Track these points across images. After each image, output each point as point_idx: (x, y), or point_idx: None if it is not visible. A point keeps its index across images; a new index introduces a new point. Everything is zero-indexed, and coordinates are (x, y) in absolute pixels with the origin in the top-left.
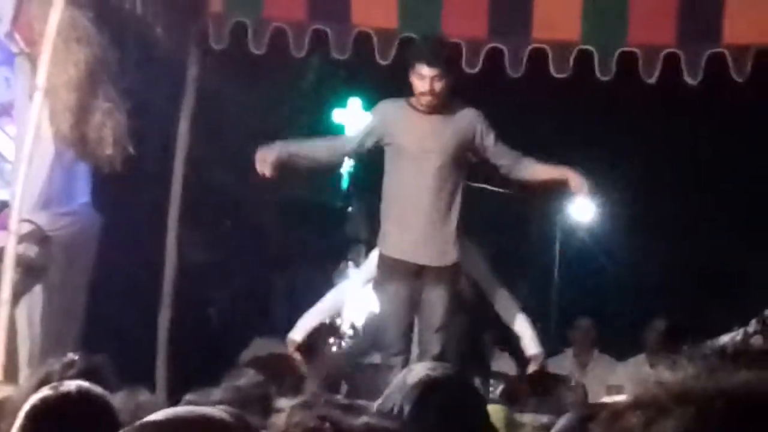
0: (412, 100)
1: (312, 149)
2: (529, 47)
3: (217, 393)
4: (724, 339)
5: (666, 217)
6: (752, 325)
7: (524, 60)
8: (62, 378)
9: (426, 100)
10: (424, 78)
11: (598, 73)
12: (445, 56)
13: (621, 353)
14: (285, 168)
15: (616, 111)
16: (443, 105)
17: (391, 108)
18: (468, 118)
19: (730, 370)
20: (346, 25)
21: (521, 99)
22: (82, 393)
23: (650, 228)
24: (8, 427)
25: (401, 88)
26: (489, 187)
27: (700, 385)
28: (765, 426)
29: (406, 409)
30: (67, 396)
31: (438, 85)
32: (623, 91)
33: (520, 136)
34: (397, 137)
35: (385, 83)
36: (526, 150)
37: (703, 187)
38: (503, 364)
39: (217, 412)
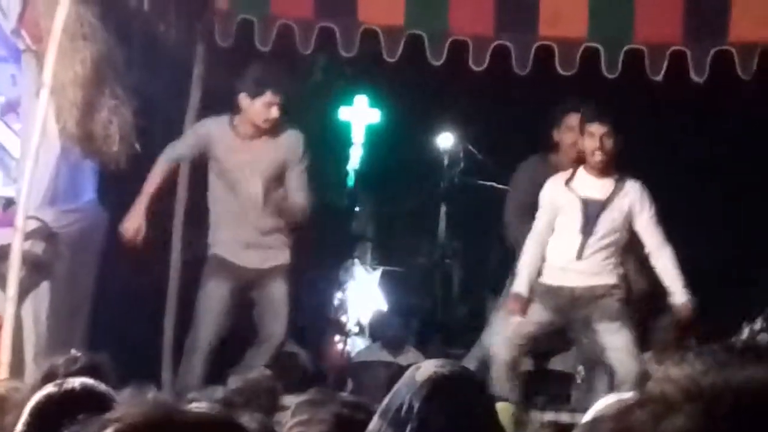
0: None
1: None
2: (536, 44)
3: (221, 389)
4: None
5: (672, 215)
6: (758, 323)
7: (531, 57)
8: (66, 374)
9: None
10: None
11: (604, 71)
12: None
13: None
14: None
15: (621, 108)
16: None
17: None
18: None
19: (739, 366)
20: (353, 22)
21: (527, 96)
22: (85, 390)
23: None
24: (14, 422)
25: (407, 85)
26: (497, 185)
27: (708, 380)
28: None
29: (415, 406)
30: (70, 393)
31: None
32: (629, 88)
33: (528, 134)
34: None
35: (392, 80)
36: (534, 149)
37: (709, 185)
38: None
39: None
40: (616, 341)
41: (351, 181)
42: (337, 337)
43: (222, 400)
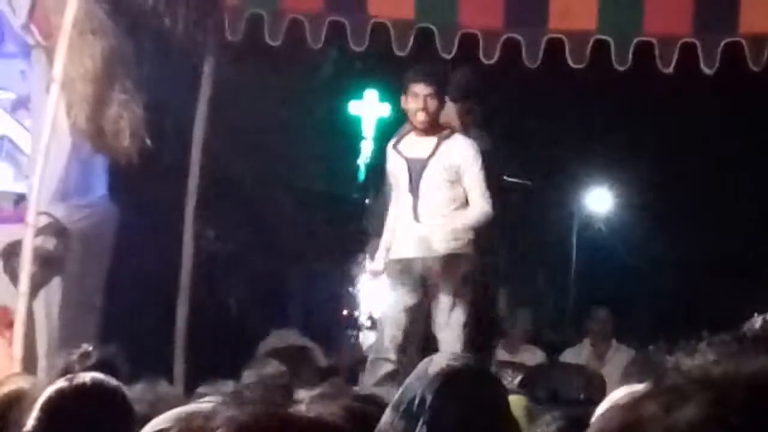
0: None
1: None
2: (546, 37)
3: (232, 383)
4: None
5: (682, 206)
6: None
7: (541, 50)
8: (81, 370)
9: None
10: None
11: (615, 63)
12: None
13: (639, 343)
14: None
15: (632, 100)
16: None
17: None
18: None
19: (750, 355)
20: (363, 17)
21: (539, 89)
22: (96, 384)
23: (667, 217)
24: (28, 418)
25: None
26: (508, 178)
27: (719, 370)
28: None
29: (427, 399)
30: (81, 387)
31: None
32: (640, 80)
33: (538, 126)
34: None
35: (402, 74)
36: (543, 140)
37: (720, 176)
38: (527, 356)
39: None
40: (448, 318)
41: (362, 175)
42: (349, 332)
43: (233, 395)
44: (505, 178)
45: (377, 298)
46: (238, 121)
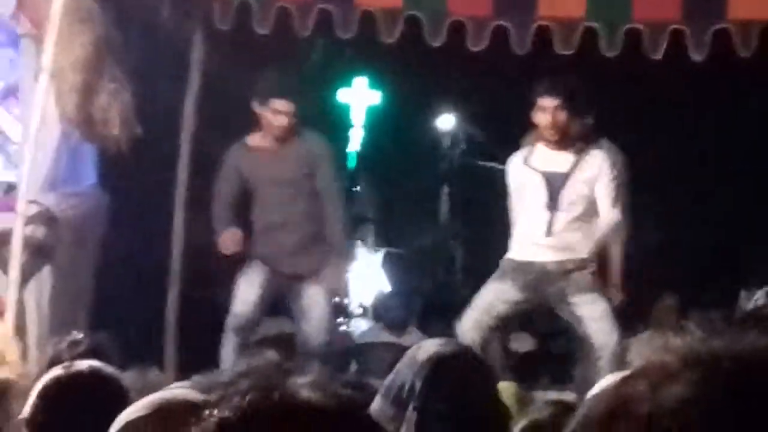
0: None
1: None
2: (535, 24)
3: (226, 372)
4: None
5: (672, 193)
6: (761, 297)
7: (529, 38)
8: (71, 358)
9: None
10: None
11: (603, 50)
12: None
13: (630, 330)
14: None
15: (621, 87)
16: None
17: None
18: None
19: (738, 334)
20: (351, 5)
21: (527, 76)
22: (93, 372)
23: (656, 204)
24: (20, 406)
25: (407, 67)
26: (497, 165)
27: (706, 347)
28: None
29: (417, 386)
30: (79, 375)
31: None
32: (628, 67)
33: (526, 114)
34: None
35: (390, 62)
36: (530, 128)
37: (709, 163)
38: (521, 343)
39: (194, 393)
40: (592, 311)
41: (352, 163)
42: (339, 319)
43: (226, 384)
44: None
45: (367, 286)
46: (227, 109)
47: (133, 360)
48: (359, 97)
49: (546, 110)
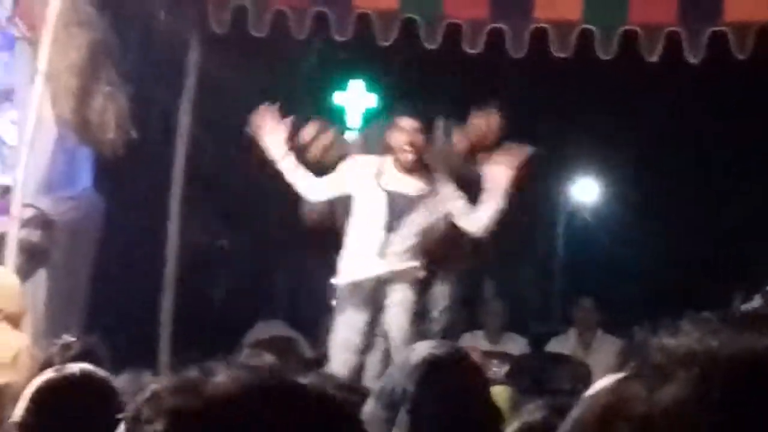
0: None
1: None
2: (531, 27)
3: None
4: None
5: (667, 196)
6: (756, 300)
7: (526, 40)
8: (62, 362)
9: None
10: (403, 131)
11: (599, 52)
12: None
13: (626, 332)
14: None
15: (617, 90)
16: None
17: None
18: None
19: (735, 334)
20: (347, 8)
21: (524, 79)
22: (85, 375)
23: (652, 207)
24: (11, 409)
25: (402, 70)
26: None
27: (703, 347)
28: None
29: (410, 388)
30: (70, 378)
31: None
32: (625, 69)
33: (523, 116)
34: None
35: (386, 65)
36: (528, 131)
37: (706, 166)
38: (510, 345)
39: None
40: (396, 297)
41: None
42: None
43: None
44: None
45: None
46: (222, 113)
47: (127, 363)
48: (355, 100)
49: (403, 131)
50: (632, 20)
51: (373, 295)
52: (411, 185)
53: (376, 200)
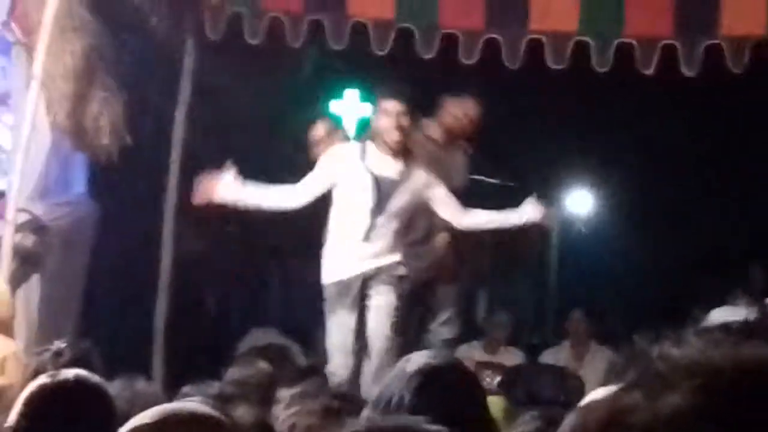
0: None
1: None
2: (527, 38)
3: (217, 384)
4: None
5: (663, 208)
6: (754, 313)
7: (521, 51)
8: (56, 366)
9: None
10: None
11: (595, 65)
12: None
13: (619, 344)
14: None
15: (613, 102)
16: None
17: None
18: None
19: (737, 344)
20: (343, 16)
21: (518, 90)
22: (79, 381)
23: (647, 219)
24: (5, 415)
25: (399, 79)
26: (485, 179)
27: (705, 357)
28: None
29: (405, 397)
30: (64, 384)
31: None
32: (620, 82)
33: (518, 128)
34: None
35: (382, 74)
36: (522, 143)
37: (701, 179)
38: (507, 357)
39: (204, 408)
40: (378, 300)
41: None
42: None
43: (217, 395)
44: (484, 179)
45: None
46: (217, 119)
47: (120, 369)
48: (351, 109)
49: (389, 113)
50: (628, 33)
51: (360, 295)
52: (394, 168)
53: (363, 183)
